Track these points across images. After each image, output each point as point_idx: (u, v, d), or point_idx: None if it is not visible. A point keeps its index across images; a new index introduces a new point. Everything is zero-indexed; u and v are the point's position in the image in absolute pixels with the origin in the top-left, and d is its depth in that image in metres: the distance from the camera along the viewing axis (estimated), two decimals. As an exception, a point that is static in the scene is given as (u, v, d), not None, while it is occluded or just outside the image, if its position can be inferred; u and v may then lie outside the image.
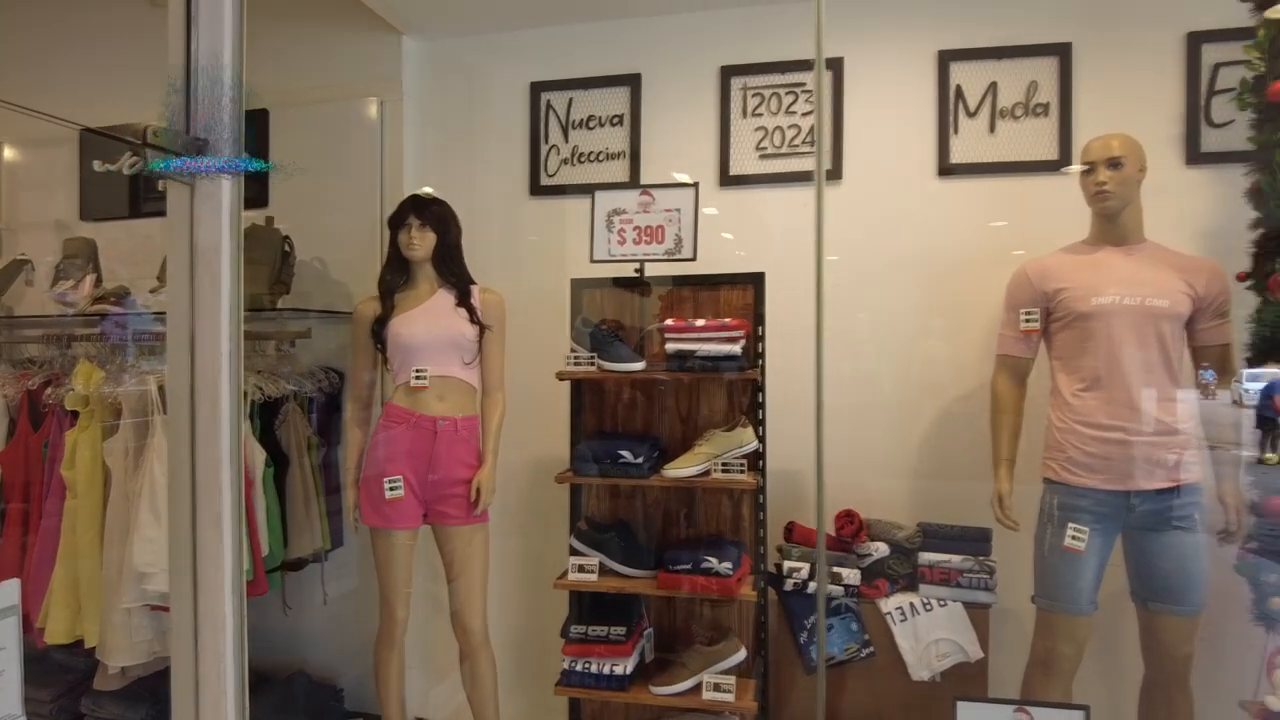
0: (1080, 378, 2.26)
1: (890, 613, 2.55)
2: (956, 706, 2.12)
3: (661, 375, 2.57)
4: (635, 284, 2.68)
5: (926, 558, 2.58)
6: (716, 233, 2.90)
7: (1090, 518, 2.21)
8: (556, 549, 2.74)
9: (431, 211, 2.52)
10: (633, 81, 3.05)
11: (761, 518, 2.61)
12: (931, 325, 2.81)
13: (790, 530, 2.70)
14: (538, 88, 3.14)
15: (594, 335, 2.56)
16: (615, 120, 3.08)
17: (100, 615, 2.40)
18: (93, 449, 2.44)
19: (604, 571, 2.57)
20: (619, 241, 2.64)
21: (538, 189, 3.15)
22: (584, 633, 2.54)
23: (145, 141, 1.24)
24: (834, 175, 2.87)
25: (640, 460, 2.51)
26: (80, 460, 2.43)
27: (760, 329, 2.57)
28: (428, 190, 2.67)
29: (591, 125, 3.10)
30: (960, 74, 2.78)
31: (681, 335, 2.47)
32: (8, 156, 3.52)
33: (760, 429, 2.55)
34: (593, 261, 2.65)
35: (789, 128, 2.93)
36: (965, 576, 2.53)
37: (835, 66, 2.86)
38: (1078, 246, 2.35)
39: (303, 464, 2.86)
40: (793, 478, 2.75)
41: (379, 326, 2.51)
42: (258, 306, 2.86)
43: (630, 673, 2.51)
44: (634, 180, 3.03)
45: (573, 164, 3.12)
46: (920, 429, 2.81)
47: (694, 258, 2.58)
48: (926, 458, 2.80)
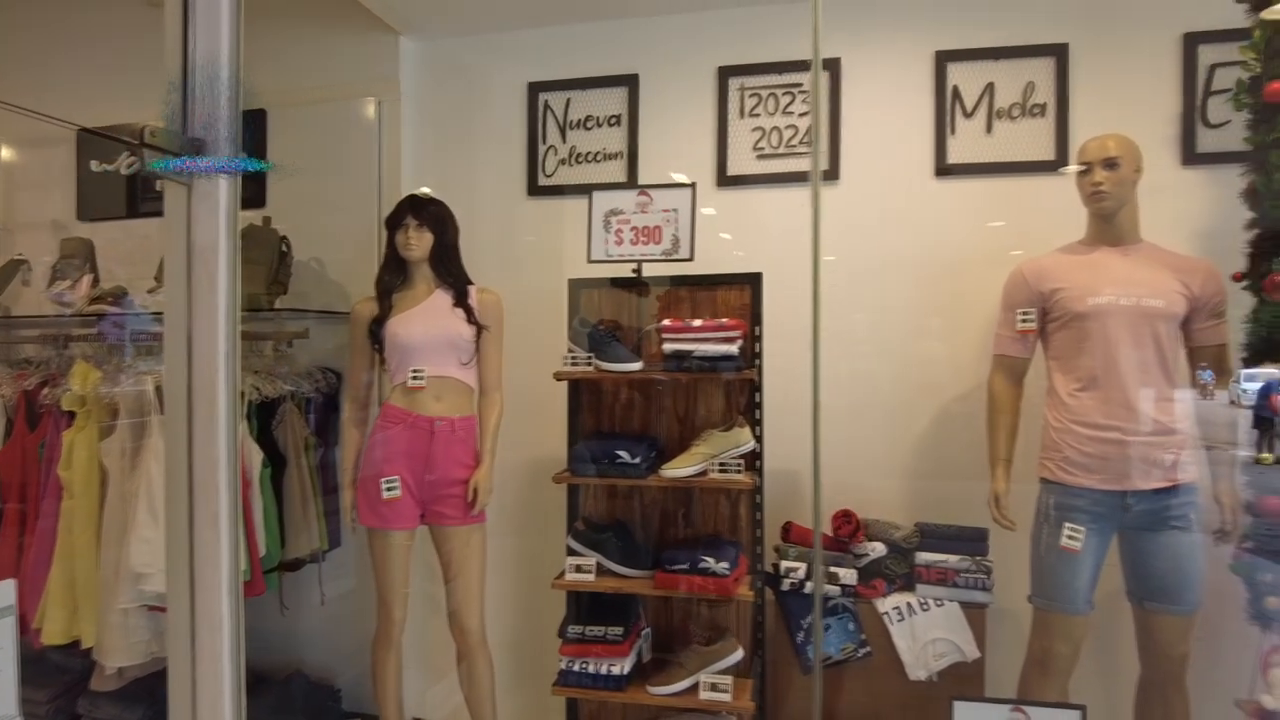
0: (1077, 378, 2.26)
1: (887, 612, 2.56)
2: (953, 706, 2.13)
3: (659, 375, 2.57)
4: (633, 284, 2.68)
5: (923, 557, 2.58)
6: (714, 233, 2.90)
7: (1086, 517, 2.22)
8: (554, 549, 2.73)
9: (429, 212, 2.52)
10: (630, 82, 3.05)
11: (759, 518, 2.61)
12: (929, 325, 2.82)
13: (787, 530, 2.70)
14: (535, 88, 3.14)
15: (591, 335, 2.56)
16: (613, 120, 3.08)
17: (97, 616, 2.39)
18: (89, 449, 2.44)
19: (601, 571, 2.57)
20: (616, 242, 2.64)
21: (535, 189, 3.15)
22: (581, 633, 2.54)
23: (142, 141, 1.24)
24: (831, 175, 2.87)
25: (638, 460, 2.51)
26: (77, 461, 2.43)
27: (758, 329, 2.58)
28: (425, 190, 2.67)
29: (589, 125, 3.11)
30: (957, 74, 2.79)
31: (679, 335, 2.47)
32: (5, 156, 3.52)
33: (757, 429, 2.55)
34: (590, 262, 2.65)
35: (786, 128, 2.93)
36: (962, 576, 2.53)
37: (833, 67, 2.87)
38: (1074, 247, 2.36)
39: (300, 464, 2.86)
40: (790, 478, 2.76)
41: (376, 327, 2.51)
42: (255, 307, 2.86)
43: (627, 673, 2.51)
44: (632, 181, 3.03)
45: (570, 164, 3.12)
46: (917, 429, 2.82)
47: (691, 258, 2.58)
48: (923, 458, 2.81)
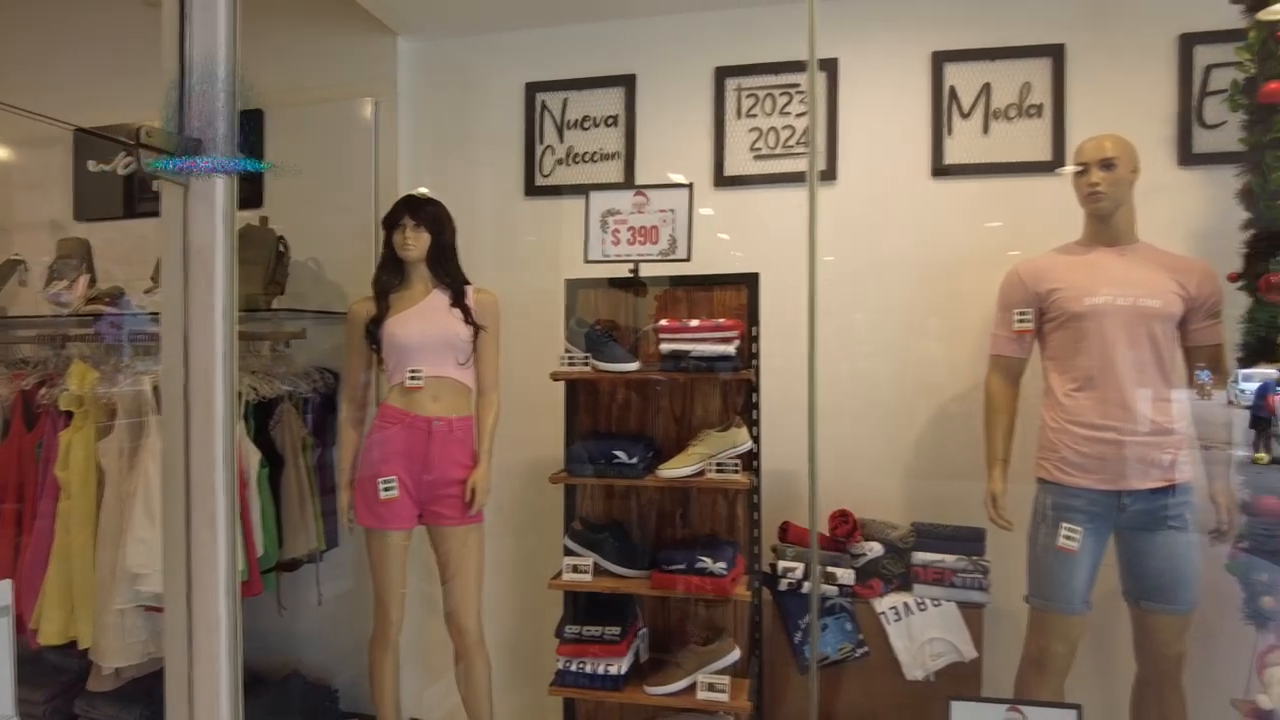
0: (1073, 378, 2.27)
1: (884, 612, 2.56)
2: (950, 706, 2.13)
3: (656, 375, 2.57)
4: (630, 284, 2.68)
5: (920, 557, 2.58)
6: (712, 233, 2.90)
7: (1083, 517, 2.22)
8: (551, 549, 2.73)
9: (426, 212, 2.51)
10: (627, 82, 3.05)
11: (756, 518, 2.62)
12: (926, 325, 2.82)
13: (785, 530, 2.71)
14: (533, 88, 3.14)
15: (589, 336, 2.56)
16: (610, 121, 3.08)
17: (94, 616, 2.39)
18: (87, 449, 2.44)
19: (598, 572, 2.57)
20: (613, 242, 2.64)
21: (533, 189, 3.15)
22: (578, 633, 2.54)
23: (139, 142, 1.24)
24: (828, 176, 2.88)
25: (635, 460, 2.51)
26: (74, 461, 2.43)
27: (755, 329, 2.58)
28: (422, 190, 2.67)
29: (586, 126, 3.11)
30: (954, 75, 2.79)
31: (676, 336, 2.47)
32: (2, 156, 3.52)
33: (754, 429, 2.56)
34: (587, 262, 2.65)
35: (783, 128, 2.94)
36: (959, 576, 2.54)
37: (830, 67, 2.87)
38: (1070, 247, 2.36)
39: (298, 464, 2.86)
40: (787, 477, 2.76)
41: (374, 327, 2.51)
42: (253, 307, 2.86)
43: (625, 673, 2.51)
44: (629, 181, 3.03)
45: (568, 164, 3.12)
46: (915, 429, 2.82)
47: (688, 258, 2.58)
48: (921, 457, 2.81)
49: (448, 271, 2.56)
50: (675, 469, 2.48)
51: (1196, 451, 2.23)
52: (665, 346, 2.49)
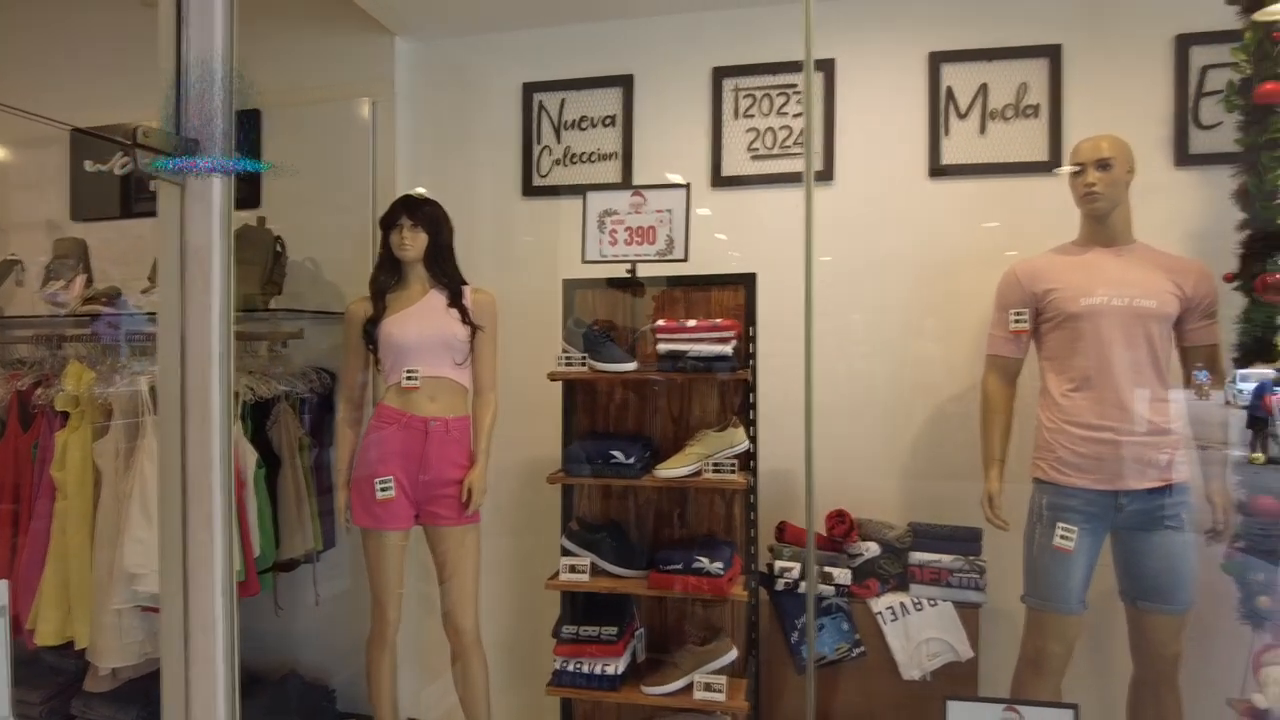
0: (1070, 378, 2.27)
1: (881, 612, 2.56)
2: (947, 706, 2.14)
3: (653, 376, 2.57)
4: (628, 284, 2.68)
5: (917, 557, 2.59)
6: (709, 234, 2.91)
7: (1079, 517, 2.23)
8: (548, 549, 2.73)
9: (423, 212, 2.51)
10: (625, 82, 3.05)
11: (753, 518, 2.62)
12: (923, 326, 2.82)
13: (782, 530, 2.71)
14: (530, 88, 3.14)
15: (586, 336, 2.56)
16: (607, 121, 3.08)
17: (91, 617, 2.39)
18: (83, 450, 2.44)
19: (596, 572, 2.57)
20: (610, 242, 2.64)
21: (530, 189, 3.15)
22: (575, 633, 2.54)
23: (135, 142, 1.24)
24: (826, 176, 2.88)
25: (632, 460, 2.51)
26: (70, 461, 2.43)
27: (752, 329, 2.58)
28: (420, 190, 2.67)
29: (584, 126, 3.11)
30: (951, 75, 2.79)
31: (673, 336, 2.47)
32: (-1, 156, 3.52)
33: (752, 429, 2.56)
34: (584, 262, 2.65)
35: (781, 129, 2.94)
36: (956, 576, 2.54)
37: (827, 68, 2.87)
38: (1067, 247, 2.37)
39: (295, 465, 2.86)
40: (784, 477, 2.76)
41: (371, 327, 2.51)
42: (250, 307, 2.86)
43: (622, 673, 2.51)
44: (626, 181, 3.03)
45: (565, 165, 3.12)
46: (911, 429, 2.82)
47: (685, 258, 2.58)
48: (917, 457, 2.81)
49: (445, 272, 2.56)
50: (672, 469, 2.48)
51: (1193, 451, 2.24)
52: (663, 347, 2.49)
